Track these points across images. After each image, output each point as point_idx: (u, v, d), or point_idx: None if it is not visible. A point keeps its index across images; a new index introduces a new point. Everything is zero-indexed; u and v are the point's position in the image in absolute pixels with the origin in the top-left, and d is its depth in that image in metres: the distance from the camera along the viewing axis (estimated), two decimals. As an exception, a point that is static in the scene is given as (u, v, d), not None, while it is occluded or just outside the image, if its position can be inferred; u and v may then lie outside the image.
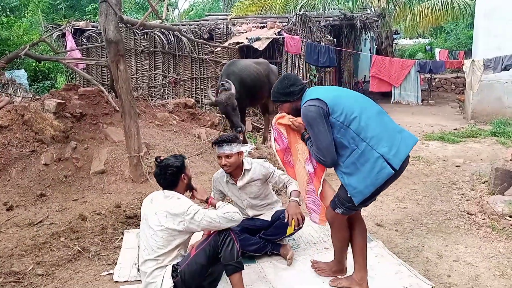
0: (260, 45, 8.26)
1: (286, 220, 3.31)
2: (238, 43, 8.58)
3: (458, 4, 14.26)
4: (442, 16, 14.79)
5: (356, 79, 16.55)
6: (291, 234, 3.71)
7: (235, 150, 3.47)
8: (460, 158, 6.96)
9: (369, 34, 16.72)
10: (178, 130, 6.84)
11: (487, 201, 4.54)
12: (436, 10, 14.54)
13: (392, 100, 8.90)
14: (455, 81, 16.46)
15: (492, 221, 4.18)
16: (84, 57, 10.12)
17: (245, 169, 3.58)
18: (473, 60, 7.89)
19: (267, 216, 3.70)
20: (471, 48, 12.73)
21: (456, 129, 9.36)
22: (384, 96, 14.28)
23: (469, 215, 4.42)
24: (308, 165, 3.03)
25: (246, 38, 8.57)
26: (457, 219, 4.38)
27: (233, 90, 6.04)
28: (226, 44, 8.80)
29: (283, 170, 3.47)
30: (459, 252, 3.65)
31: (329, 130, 2.71)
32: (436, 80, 16.66)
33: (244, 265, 3.54)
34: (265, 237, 3.64)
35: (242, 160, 3.58)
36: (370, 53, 17.36)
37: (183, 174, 2.99)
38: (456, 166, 6.51)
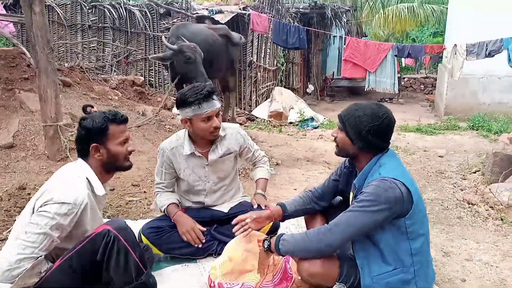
0: (222, 18, 7.24)
1: None
2: (197, 13, 7.54)
3: (424, 10, 14.65)
4: (409, 21, 14.94)
5: (324, 75, 15.87)
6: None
7: (219, 104, 2.43)
8: (441, 149, 6.21)
9: (339, 29, 16.12)
10: (118, 105, 5.69)
11: (490, 189, 3.72)
12: (402, 14, 14.77)
13: (366, 87, 8.08)
14: (424, 81, 16.13)
15: (499, 212, 3.37)
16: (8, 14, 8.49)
17: (219, 135, 2.53)
18: (455, 45, 7.21)
19: (225, 207, 2.66)
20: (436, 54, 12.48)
21: (430, 124, 8.70)
22: (353, 94, 13.71)
23: (470, 205, 3.58)
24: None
25: (207, 9, 7.54)
26: (457, 209, 3.53)
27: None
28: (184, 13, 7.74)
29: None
30: (470, 248, 2.77)
31: (373, 227, 1.83)
32: (405, 79, 16.28)
33: (180, 265, 2.51)
34: (218, 236, 2.56)
35: None
36: (339, 51, 16.79)
37: (93, 144, 1.90)
38: (439, 157, 5.76)
